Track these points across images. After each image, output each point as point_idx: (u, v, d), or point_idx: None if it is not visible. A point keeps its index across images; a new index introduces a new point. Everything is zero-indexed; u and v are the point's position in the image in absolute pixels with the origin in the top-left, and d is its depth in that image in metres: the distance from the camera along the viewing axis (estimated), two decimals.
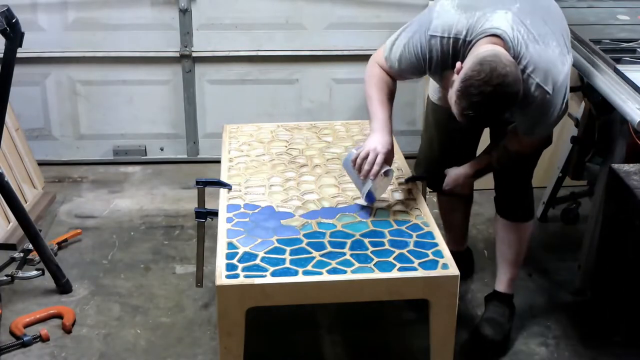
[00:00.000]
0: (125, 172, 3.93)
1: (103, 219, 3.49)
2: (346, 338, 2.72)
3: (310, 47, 3.84)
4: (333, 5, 3.80)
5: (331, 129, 2.94)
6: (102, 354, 2.65)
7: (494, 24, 2.13)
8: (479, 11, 2.16)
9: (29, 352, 2.64)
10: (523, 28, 2.14)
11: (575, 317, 2.84)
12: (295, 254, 2.17)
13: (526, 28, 2.15)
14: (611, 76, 2.59)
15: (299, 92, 3.95)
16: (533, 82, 2.16)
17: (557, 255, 3.24)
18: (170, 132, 4.00)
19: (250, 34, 3.82)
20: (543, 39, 2.16)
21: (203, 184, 2.64)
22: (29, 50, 3.39)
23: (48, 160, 3.90)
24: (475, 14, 2.16)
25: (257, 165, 2.67)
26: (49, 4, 3.71)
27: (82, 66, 3.84)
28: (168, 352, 2.66)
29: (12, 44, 2.72)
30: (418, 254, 2.17)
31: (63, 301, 2.90)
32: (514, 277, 2.74)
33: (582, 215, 3.42)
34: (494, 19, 2.14)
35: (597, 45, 2.78)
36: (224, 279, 2.07)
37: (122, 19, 3.76)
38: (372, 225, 2.31)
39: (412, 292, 2.15)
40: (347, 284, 2.08)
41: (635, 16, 3.12)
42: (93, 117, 3.94)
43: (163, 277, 3.08)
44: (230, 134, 2.91)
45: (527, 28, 2.15)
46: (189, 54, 3.82)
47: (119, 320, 2.82)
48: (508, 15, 2.15)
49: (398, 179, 2.58)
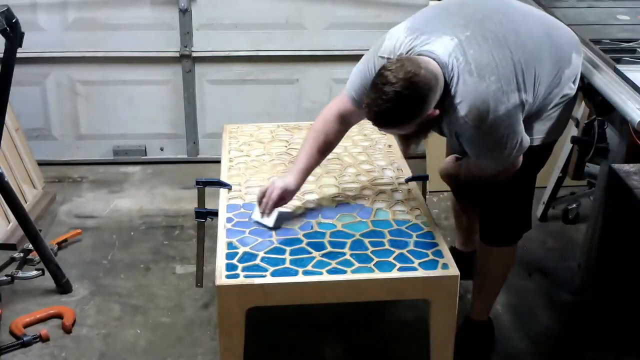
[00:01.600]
0: (125, 172, 3.93)
1: (103, 219, 3.49)
2: (346, 338, 2.72)
3: (310, 47, 3.84)
4: (333, 5, 3.80)
5: None
6: (102, 354, 2.65)
7: (431, 47, 2.09)
8: (425, 35, 2.13)
9: (29, 352, 2.64)
10: (462, 57, 2.08)
11: (575, 317, 2.84)
12: (295, 254, 2.17)
13: (465, 58, 2.07)
14: (611, 76, 2.59)
15: (299, 92, 3.95)
16: (459, 114, 2.09)
17: (557, 255, 3.24)
18: (170, 132, 4.01)
19: (250, 34, 3.82)
20: (481, 71, 2.07)
21: (203, 184, 2.64)
22: (29, 50, 3.38)
23: (48, 160, 3.90)
24: (421, 37, 2.12)
25: (257, 165, 2.67)
26: (49, 4, 3.71)
27: (82, 66, 3.84)
28: (168, 352, 2.66)
29: (12, 44, 2.72)
30: (418, 254, 2.17)
31: (63, 301, 2.90)
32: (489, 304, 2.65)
33: (582, 215, 3.42)
34: (435, 44, 2.10)
35: (597, 45, 2.78)
36: (224, 279, 2.07)
37: (122, 19, 3.76)
38: (372, 225, 2.31)
39: (412, 292, 2.15)
40: (347, 284, 2.08)
41: (635, 16, 3.12)
42: (93, 117, 3.94)
43: (163, 277, 3.08)
44: (230, 134, 2.91)
45: (467, 58, 2.07)
46: (189, 54, 3.82)
47: (119, 320, 2.82)
48: (452, 42, 2.10)
49: (398, 179, 2.59)
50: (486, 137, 2.14)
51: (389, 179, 2.58)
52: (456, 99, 2.09)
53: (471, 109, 2.08)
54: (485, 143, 2.16)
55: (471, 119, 2.09)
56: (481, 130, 2.11)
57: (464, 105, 2.08)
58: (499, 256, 2.56)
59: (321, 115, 2.37)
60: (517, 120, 2.16)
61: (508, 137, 2.14)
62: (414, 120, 2.06)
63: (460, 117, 2.10)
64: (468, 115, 2.09)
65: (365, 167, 2.65)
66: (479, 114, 2.08)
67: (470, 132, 2.13)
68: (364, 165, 2.66)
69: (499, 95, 2.09)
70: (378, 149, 2.80)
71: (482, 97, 2.08)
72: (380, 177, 2.60)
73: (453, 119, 2.13)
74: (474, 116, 2.08)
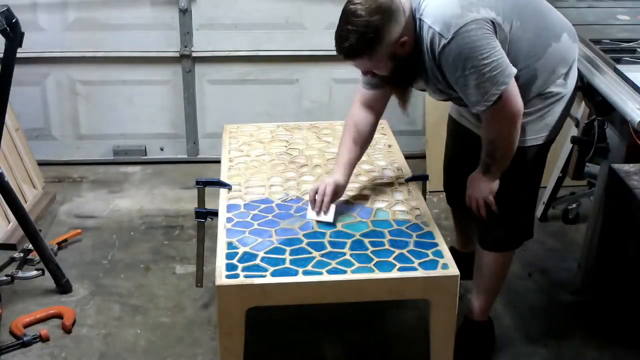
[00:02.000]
0: (125, 172, 3.93)
1: (103, 219, 3.49)
2: (346, 338, 2.72)
3: (310, 47, 3.84)
4: (333, 5, 3.79)
5: (331, 129, 2.95)
6: (102, 354, 2.65)
7: None
8: None
9: (29, 352, 2.64)
10: None
11: (575, 317, 2.84)
12: (295, 254, 2.17)
13: None
14: (611, 76, 2.59)
15: (299, 92, 3.95)
16: (425, 25, 2.10)
17: (557, 255, 3.24)
18: (170, 132, 4.01)
19: (250, 34, 3.83)
20: None
21: (203, 184, 2.64)
22: (29, 50, 3.38)
23: (48, 160, 3.90)
24: None
25: (257, 165, 2.67)
26: (49, 4, 3.71)
27: (82, 66, 3.84)
28: (168, 352, 2.66)
29: (12, 44, 2.72)
30: (418, 254, 2.17)
31: (63, 301, 2.90)
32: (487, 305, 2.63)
33: (582, 215, 3.42)
34: None
35: (597, 45, 2.78)
36: (224, 279, 2.07)
37: (122, 19, 3.76)
38: (372, 225, 2.31)
39: (412, 292, 2.15)
40: (347, 284, 2.08)
41: (635, 16, 3.12)
42: (93, 117, 3.94)
43: (163, 277, 3.08)
44: (230, 134, 2.91)
45: None
46: (189, 54, 3.82)
47: (119, 320, 2.82)
48: None
49: (398, 179, 2.59)
50: (460, 53, 2.08)
51: (389, 179, 2.58)
52: (423, 15, 2.11)
53: (436, 15, 2.09)
54: (462, 62, 2.09)
55: (439, 26, 2.08)
56: (453, 44, 2.07)
57: (429, 16, 2.10)
58: (497, 260, 2.55)
59: (349, 111, 2.46)
60: (491, 36, 2.10)
61: (484, 53, 2.07)
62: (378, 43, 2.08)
63: (428, 29, 2.10)
64: (435, 23, 2.09)
65: (365, 167, 2.65)
66: (445, 20, 2.08)
67: (445, 54, 2.10)
68: (364, 165, 2.66)
69: (467, 4, 2.09)
70: (378, 149, 2.80)
71: (446, 4, 2.10)
72: (380, 177, 2.60)
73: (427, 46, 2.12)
74: (440, 23, 2.08)
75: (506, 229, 2.48)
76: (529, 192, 2.48)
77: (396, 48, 2.12)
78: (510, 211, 2.43)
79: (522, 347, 2.70)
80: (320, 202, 2.32)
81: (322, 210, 2.32)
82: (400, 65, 2.16)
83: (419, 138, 3.95)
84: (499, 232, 2.48)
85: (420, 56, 2.17)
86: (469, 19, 2.07)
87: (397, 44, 2.11)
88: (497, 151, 2.27)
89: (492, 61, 2.09)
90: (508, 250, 2.55)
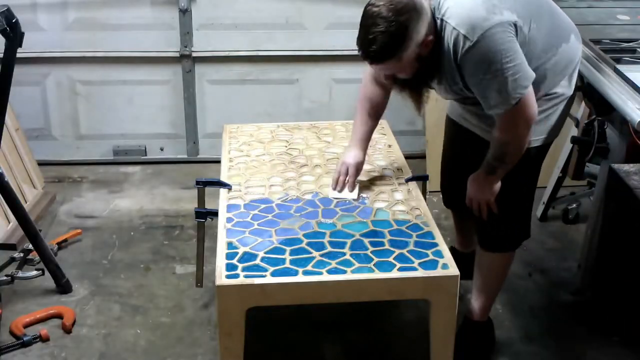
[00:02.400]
0: (125, 172, 3.93)
1: (103, 219, 3.49)
2: (346, 338, 2.72)
3: (310, 47, 3.84)
4: (333, 5, 3.80)
5: (331, 129, 2.95)
6: (102, 354, 2.65)
7: None
8: None
9: (29, 352, 2.64)
10: None
11: (575, 317, 2.84)
12: (295, 254, 2.17)
13: None
14: (611, 76, 2.59)
15: (299, 92, 3.95)
16: (448, 26, 2.09)
17: (557, 255, 3.24)
18: (170, 132, 4.01)
19: (250, 34, 3.83)
20: None
21: (203, 184, 2.64)
22: (29, 50, 3.38)
23: (48, 160, 3.90)
24: None
25: (257, 165, 2.67)
26: (49, 4, 3.71)
27: (82, 66, 3.84)
28: (168, 352, 2.66)
29: (12, 44, 2.72)
30: (418, 254, 2.17)
31: (63, 301, 2.90)
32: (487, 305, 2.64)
33: (582, 215, 3.42)
34: None
35: (597, 45, 2.78)
36: (224, 279, 2.07)
37: (122, 19, 3.76)
38: (372, 225, 2.31)
39: (412, 292, 2.15)
40: (347, 284, 2.08)
41: (635, 16, 3.12)
42: (93, 117, 3.94)
43: (163, 277, 3.08)
44: (230, 134, 2.91)
45: None
46: (189, 54, 3.82)
47: (119, 320, 2.82)
48: None
49: (398, 179, 2.59)
50: (485, 56, 2.07)
51: (389, 179, 2.58)
52: (446, 16, 2.10)
53: (462, 18, 2.07)
54: (485, 65, 2.08)
55: (464, 28, 2.06)
56: (478, 47, 2.06)
57: (454, 17, 2.08)
58: (497, 261, 2.56)
59: (361, 86, 2.50)
60: (514, 40, 2.09)
61: (507, 57, 2.07)
62: (408, 43, 2.05)
63: (452, 30, 2.08)
64: (460, 25, 2.07)
65: (365, 167, 2.64)
66: (471, 22, 2.06)
67: (468, 55, 2.08)
68: (364, 165, 2.65)
69: (490, 6, 2.08)
70: (378, 149, 2.80)
71: (470, 6, 2.08)
72: (380, 177, 2.59)
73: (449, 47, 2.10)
74: (466, 25, 2.06)
75: (505, 229, 2.49)
76: (528, 192, 2.49)
77: (422, 48, 2.10)
78: (509, 211, 2.44)
79: (522, 347, 2.70)
80: (343, 182, 2.42)
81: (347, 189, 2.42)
82: (423, 66, 2.15)
83: (419, 138, 3.95)
84: (498, 232, 2.48)
85: (440, 57, 2.16)
86: (495, 22, 2.06)
87: (424, 43, 2.09)
88: (507, 154, 2.26)
89: (514, 65, 2.08)
90: (508, 251, 2.55)
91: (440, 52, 2.14)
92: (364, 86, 2.47)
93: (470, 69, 2.13)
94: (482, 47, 2.06)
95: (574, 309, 2.89)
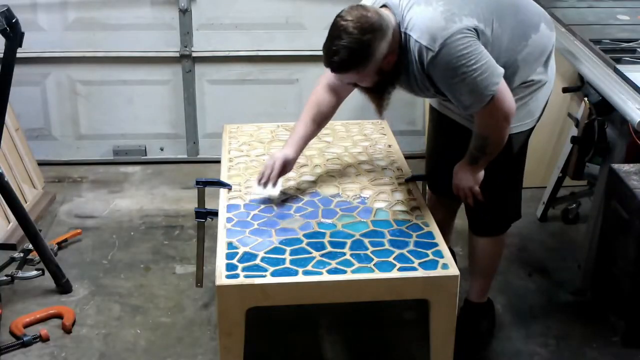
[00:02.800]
0: (125, 172, 3.93)
1: (103, 219, 3.49)
2: (346, 338, 2.72)
3: (310, 47, 3.84)
4: (333, 5, 3.78)
5: (331, 129, 2.94)
6: (102, 354, 2.65)
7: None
8: None
9: (29, 352, 2.64)
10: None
11: (575, 317, 2.84)
12: (295, 254, 2.17)
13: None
14: (611, 76, 2.59)
15: (299, 92, 3.95)
16: (411, 39, 2.15)
17: (557, 255, 3.24)
18: (170, 132, 4.01)
19: (250, 34, 3.83)
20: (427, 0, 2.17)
21: (203, 184, 2.64)
22: (29, 50, 3.39)
23: (48, 160, 3.90)
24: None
25: (257, 165, 2.67)
26: (49, 4, 3.71)
27: (82, 66, 3.84)
28: (168, 352, 2.66)
29: (12, 44, 2.72)
30: (418, 254, 2.17)
31: (63, 301, 2.90)
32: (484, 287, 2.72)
33: (582, 215, 3.42)
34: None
35: (597, 45, 2.78)
36: (224, 279, 2.07)
37: (122, 19, 3.76)
38: (372, 225, 2.31)
39: (412, 292, 2.15)
40: (347, 284, 2.08)
41: (635, 16, 3.12)
42: (93, 117, 3.94)
43: (163, 277, 3.08)
44: (230, 134, 2.91)
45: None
46: (189, 54, 3.82)
47: (119, 320, 2.82)
48: None
49: (398, 179, 2.59)
50: (449, 63, 2.12)
51: (389, 179, 2.58)
52: (408, 29, 2.15)
53: (422, 29, 2.13)
54: (452, 71, 2.14)
55: (425, 40, 2.12)
56: (441, 56, 2.11)
57: (415, 30, 2.14)
58: (489, 245, 2.63)
59: (313, 90, 2.50)
60: (476, 42, 2.14)
61: (472, 59, 2.12)
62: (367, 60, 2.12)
63: (415, 42, 2.14)
64: (421, 37, 2.13)
65: (365, 167, 2.65)
66: (431, 33, 2.11)
67: (428, 57, 2.13)
68: (364, 165, 2.66)
69: (449, 15, 2.13)
70: (378, 149, 2.80)
71: (430, 17, 2.14)
72: (380, 177, 2.59)
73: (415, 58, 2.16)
74: (426, 36, 2.12)
75: (493, 214, 2.56)
76: (514, 177, 2.56)
77: (383, 64, 2.17)
78: (496, 197, 2.50)
79: (522, 347, 2.70)
80: (267, 176, 2.38)
81: (270, 184, 2.39)
82: (384, 78, 2.22)
83: (419, 138, 3.95)
84: (487, 218, 2.57)
85: (407, 67, 2.22)
86: (454, 30, 2.11)
87: (385, 60, 2.16)
88: (488, 146, 2.32)
89: (480, 65, 2.13)
90: (497, 234, 2.62)
91: (407, 63, 2.21)
92: (316, 91, 2.48)
93: (438, 76, 2.19)
94: (445, 55, 2.12)
95: (574, 309, 2.89)
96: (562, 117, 3.43)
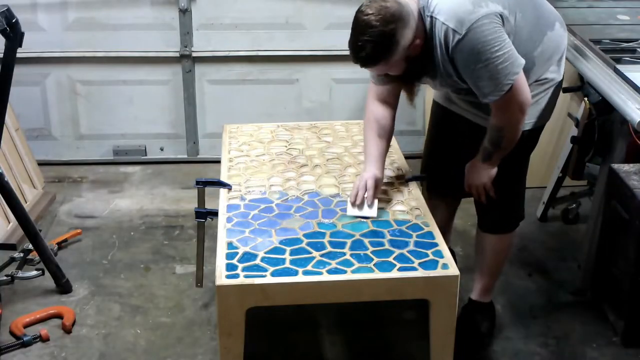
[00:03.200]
0: (125, 172, 3.93)
1: (103, 219, 3.49)
2: (346, 338, 2.72)
3: (310, 47, 3.84)
4: (333, 5, 3.80)
5: (331, 129, 2.94)
6: (102, 354, 2.65)
7: None
8: None
9: (29, 352, 2.64)
10: None
11: (575, 317, 2.84)
12: (295, 254, 2.16)
13: None
14: (611, 76, 2.59)
15: (299, 92, 3.95)
16: (437, 22, 2.18)
17: (557, 255, 3.24)
18: (170, 132, 4.01)
19: (250, 34, 3.83)
20: None
21: (203, 184, 2.64)
22: (29, 50, 3.38)
23: (48, 160, 3.90)
24: None
25: (257, 165, 2.67)
26: (49, 4, 3.71)
27: (82, 66, 3.84)
28: (168, 352, 2.66)
29: (12, 44, 2.72)
30: (418, 254, 2.17)
31: (63, 301, 2.90)
32: (489, 286, 2.73)
33: (582, 215, 3.42)
34: None
35: (597, 45, 2.78)
36: (224, 279, 2.07)
37: (122, 19, 3.76)
38: (372, 225, 2.31)
39: (412, 292, 2.15)
40: (347, 284, 2.08)
41: (635, 16, 3.12)
42: (93, 117, 3.94)
43: (163, 277, 3.08)
44: (230, 134, 2.91)
45: None
46: (189, 54, 3.82)
47: (119, 320, 2.82)
48: None
49: (398, 179, 2.58)
50: (474, 47, 2.15)
51: (389, 179, 2.58)
52: (435, 13, 2.18)
53: (449, 13, 2.16)
54: (476, 55, 2.17)
55: (452, 22, 2.15)
56: (467, 39, 2.14)
57: (442, 13, 2.17)
58: (497, 242, 2.65)
59: (366, 107, 2.51)
60: (501, 30, 2.18)
61: (496, 46, 2.15)
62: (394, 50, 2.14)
63: (442, 25, 2.16)
64: (448, 20, 2.15)
65: None
66: (458, 16, 2.15)
67: (459, 48, 2.16)
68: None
69: (476, 0, 2.16)
70: None
71: (458, 1, 2.16)
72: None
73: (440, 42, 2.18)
74: (454, 20, 2.15)
75: (502, 211, 2.58)
76: (521, 174, 2.58)
77: (410, 50, 2.19)
78: (506, 194, 2.52)
79: (522, 347, 2.70)
80: (362, 197, 2.36)
81: (367, 205, 2.37)
82: (413, 64, 2.24)
83: (419, 138, 3.95)
84: (496, 215, 2.58)
85: (432, 52, 2.24)
86: (481, 14, 2.14)
87: (411, 46, 2.18)
88: (503, 139, 2.33)
89: (503, 53, 2.16)
90: (507, 232, 2.64)
91: (432, 48, 2.23)
92: (369, 108, 2.49)
93: (462, 61, 2.21)
94: (471, 39, 2.15)
95: (574, 309, 2.89)
96: (562, 117, 3.42)
